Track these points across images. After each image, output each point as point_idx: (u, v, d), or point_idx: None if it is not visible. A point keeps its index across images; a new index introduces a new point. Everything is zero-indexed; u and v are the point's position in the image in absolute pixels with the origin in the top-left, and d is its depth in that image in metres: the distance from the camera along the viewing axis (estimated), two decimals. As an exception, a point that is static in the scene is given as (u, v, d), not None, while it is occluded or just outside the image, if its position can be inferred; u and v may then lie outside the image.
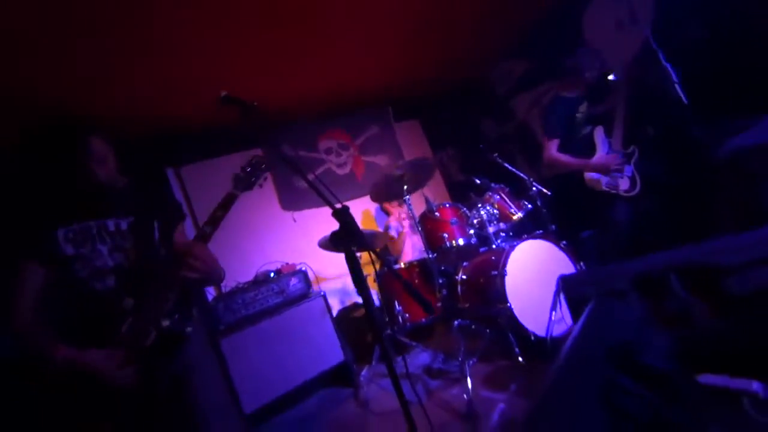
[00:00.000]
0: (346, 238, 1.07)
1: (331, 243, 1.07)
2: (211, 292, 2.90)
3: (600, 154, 2.47)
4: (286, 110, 3.63)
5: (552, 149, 2.56)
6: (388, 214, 3.69)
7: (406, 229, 3.46)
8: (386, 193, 2.59)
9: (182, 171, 3.39)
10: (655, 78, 2.08)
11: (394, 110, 4.41)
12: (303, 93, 3.50)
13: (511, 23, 3.53)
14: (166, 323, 1.21)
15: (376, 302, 3.09)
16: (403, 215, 3.49)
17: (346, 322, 3.37)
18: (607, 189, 2.41)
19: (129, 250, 1.30)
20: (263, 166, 1.49)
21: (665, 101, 2.04)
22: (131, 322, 1.17)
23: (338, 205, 1.13)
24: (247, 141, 3.46)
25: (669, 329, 1.47)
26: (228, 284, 2.74)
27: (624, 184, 2.41)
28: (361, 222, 4.03)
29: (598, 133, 2.52)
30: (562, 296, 2.09)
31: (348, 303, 3.68)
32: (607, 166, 2.42)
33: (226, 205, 1.35)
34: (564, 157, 2.53)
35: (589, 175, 2.46)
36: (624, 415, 1.01)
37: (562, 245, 2.42)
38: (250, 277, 2.87)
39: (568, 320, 2.01)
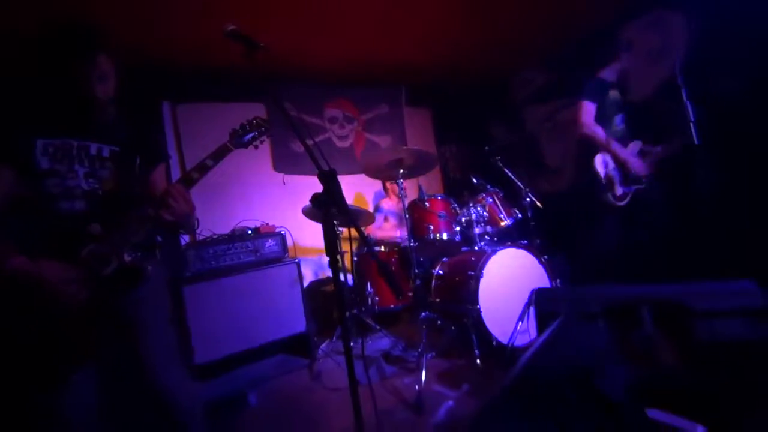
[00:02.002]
0: (327, 202, 1.01)
1: (312, 204, 1.02)
2: (184, 239, 2.83)
3: (634, 146, 2.38)
4: (297, 68, 3.48)
5: (589, 113, 2.37)
6: (386, 194, 3.61)
7: (394, 220, 3.42)
8: (380, 171, 2.53)
9: (178, 108, 3.26)
10: (672, 113, 2.04)
11: (408, 94, 4.30)
12: (319, 54, 3.35)
13: (548, 34, 3.45)
14: (128, 257, 1.16)
15: (350, 281, 3.06)
16: (397, 202, 3.43)
17: (315, 294, 3.35)
18: (604, 180, 2.32)
19: (105, 179, 1.25)
20: (263, 129, 1.49)
21: (676, 137, 2.01)
22: (93, 248, 1.11)
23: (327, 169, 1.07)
24: (250, 92, 3.34)
25: (630, 361, 1.47)
26: (203, 233, 2.67)
27: (619, 189, 2.34)
28: (353, 202, 3.95)
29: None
30: (532, 309, 2.10)
31: (321, 276, 3.65)
32: (627, 165, 2.32)
33: (218, 156, 1.33)
34: (597, 129, 2.36)
35: (599, 159, 2.35)
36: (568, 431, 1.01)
37: (543, 259, 2.41)
38: (227, 230, 2.81)
39: (533, 333, 2.01)
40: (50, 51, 1.17)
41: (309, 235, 3.48)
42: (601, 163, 2.34)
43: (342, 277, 2.94)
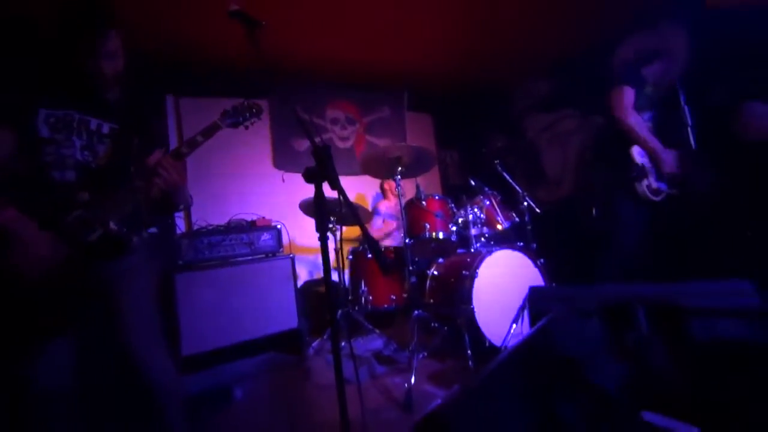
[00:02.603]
0: (319, 174, 1.00)
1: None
2: (180, 227, 2.81)
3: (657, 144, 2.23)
4: (302, 68, 3.53)
5: (628, 98, 2.19)
6: (384, 196, 3.61)
7: (391, 221, 3.41)
8: (378, 168, 2.53)
9: (181, 101, 3.29)
10: (670, 117, 2.04)
11: (410, 99, 4.34)
12: (326, 55, 3.40)
13: (551, 45, 3.50)
14: (114, 226, 1.15)
15: (346, 280, 3.04)
16: (394, 203, 3.42)
17: (309, 293, 3.31)
18: (640, 170, 2.18)
19: (101, 155, 1.25)
20: (254, 110, 1.52)
21: (672, 141, 2.00)
22: (79, 213, 1.11)
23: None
24: (253, 89, 3.36)
25: (623, 361, 1.44)
26: (198, 223, 2.66)
27: (654, 183, 2.20)
28: (354, 200, 3.95)
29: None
30: (526, 312, 2.07)
31: (316, 276, 3.62)
32: (664, 160, 2.19)
33: (208, 132, 1.37)
34: (637, 118, 2.21)
35: (636, 149, 2.20)
36: (556, 421, 0.97)
37: (539, 263, 2.38)
38: (223, 222, 2.79)
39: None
40: (64, 22, 1.19)
41: (305, 234, 3.46)
42: (638, 153, 2.20)
43: (336, 277, 2.93)
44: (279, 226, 2.74)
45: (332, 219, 2.73)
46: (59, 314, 1.07)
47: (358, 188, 3.99)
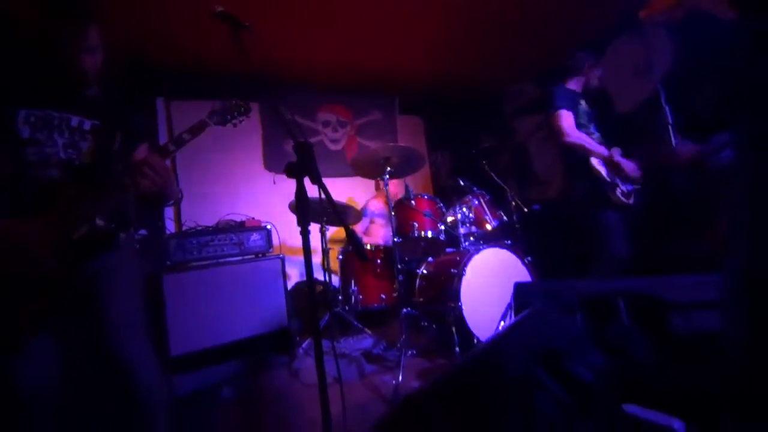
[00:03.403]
0: (300, 169, 1.02)
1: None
2: (170, 228, 2.81)
3: (615, 151, 2.34)
4: (293, 72, 3.56)
5: (568, 121, 2.31)
6: (376, 194, 3.62)
7: (380, 221, 3.42)
8: (367, 168, 2.55)
9: (172, 104, 3.30)
10: (650, 116, 2.08)
11: (401, 101, 4.38)
12: (317, 59, 3.43)
13: (541, 49, 3.55)
14: (100, 222, 1.15)
15: (336, 280, 3.04)
16: (384, 203, 3.44)
17: (300, 295, 3.30)
18: (608, 180, 2.28)
19: (85, 151, 1.25)
20: (243, 109, 1.52)
21: (654, 139, 2.04)
22: (64, 210, 1.10)
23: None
24: (244, 92, 3.37)
25: (605, 353, 1.46)
26: (188, 224, 2.66)
27: (624, 187, 2.30)
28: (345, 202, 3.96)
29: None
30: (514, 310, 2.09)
31: (308, 278, 3.61)
32: (620, 166, 2.29)
33: (195, 130, 1.35)
34: (582, 135, 2.32)
35: (595, 161, 2.31)
36: (533, 412, 0.98)
37: (526, 260, 2.41)
38: (212, 223, 2.79)
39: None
40: (42, 17, 1.18)
41: (296, 236, 3.45)
42: (599, 163, 2.30)
43: (324, 277, 2.93)
44: (269, 227, 2.74)
45: (323, 219, 2.75)
46: (44, 310, 1.07)
47: (349, 191, 4.01)
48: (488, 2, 2.89)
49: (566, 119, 2.31)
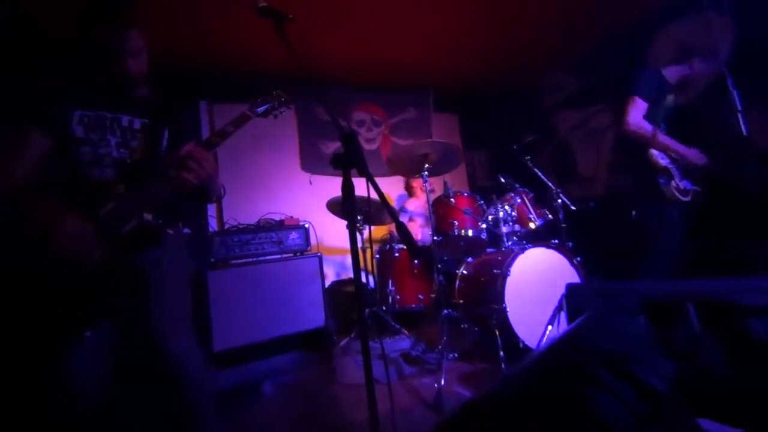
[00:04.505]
0: (347, 161, 0.99)
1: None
2: (213, 226, 2.90)
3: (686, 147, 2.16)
4: (328, 71, 3.59)
5: (638, 111, 2.12)
6: (410, 195, 3.58)
7: (419, 220, 3.37)
8: (405, 166, 2.50)
9: (214, 108, 3.41)
10: (719, 104, 1.90)
11: (435, 99, 4.30)
12: (351, 56, 3.44)
13: (580, 38, 3.38)
14: (148, 217, 1.18)
15: (372, 280, 3.02)
16: (422, 201, 3.38)
17: (336, 294, 3.31)
18: (667, 172, 2.12)
19: (135, 149, 1.29)
20: (283, 99, 1.53)
21: (724, 130, 1.86)
22: (114, 206, 1.14)
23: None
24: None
25: (674, 361, 1.33)
26: (229, 222, 2.73)
27: (681, 183, 2.14)
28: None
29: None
30: (563, 313, 1.97)
31: (344, 277, 3.62)
32: (689, 158, 2.13)
33: (238, 122, 1.37)
34: (650, 127, 2.12)
35: (655, 152, 2.14)
36: (596, 419, 0.89)
37: (576, 261, 2.27)
38: (253, 221, 2.85)
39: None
40: (87, 26, 1.25)
41: (333, 235, 3.49)
42: (658, 155, 2.13)
43: (363, 277, 2.91)
44: (307, 225, 2.76)
45: (360, 218, 2.73)
46: (97, 303, 1.10)
47: (384, 190, 3.98)
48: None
49: (636, 108, 2.12)
